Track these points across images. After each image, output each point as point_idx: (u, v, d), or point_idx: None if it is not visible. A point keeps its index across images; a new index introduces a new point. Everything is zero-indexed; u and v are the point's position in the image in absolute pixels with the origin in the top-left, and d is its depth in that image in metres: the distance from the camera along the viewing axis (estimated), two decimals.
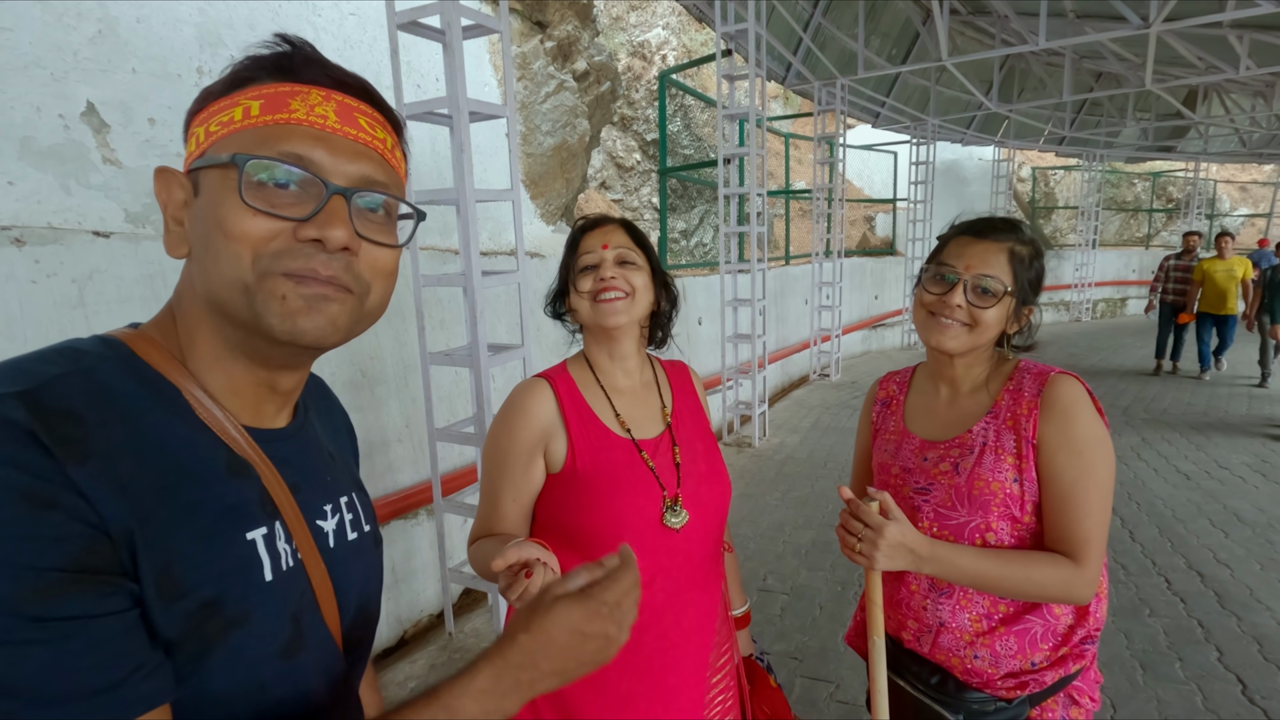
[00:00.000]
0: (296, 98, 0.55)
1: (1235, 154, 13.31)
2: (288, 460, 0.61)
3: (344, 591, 0.64)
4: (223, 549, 0.52)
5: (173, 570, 0.48)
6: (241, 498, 0.54)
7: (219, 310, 0.55)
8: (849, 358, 9.34)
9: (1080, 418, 1.05)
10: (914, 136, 10.26)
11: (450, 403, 3.47)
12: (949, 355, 1.15)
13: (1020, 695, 1.10)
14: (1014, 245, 1.11)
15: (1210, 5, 5.23)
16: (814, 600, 3.15)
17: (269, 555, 0.55)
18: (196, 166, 0.56)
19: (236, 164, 0.52)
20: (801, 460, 5.23)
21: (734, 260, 5.57)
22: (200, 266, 0.55)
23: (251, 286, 0.53)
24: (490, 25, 2.49)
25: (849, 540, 1.03)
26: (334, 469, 0.68)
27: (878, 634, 1.08)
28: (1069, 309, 13.89)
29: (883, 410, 1.32)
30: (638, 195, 9.92)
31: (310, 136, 0.55)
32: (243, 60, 0.57)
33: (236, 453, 0.56)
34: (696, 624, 1.15)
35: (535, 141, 5.66)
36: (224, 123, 0.55)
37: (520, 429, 1.10)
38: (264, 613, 0.53)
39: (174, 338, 0.57)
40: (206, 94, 0.57)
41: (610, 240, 1.15)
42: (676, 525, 1.10)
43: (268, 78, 0.56)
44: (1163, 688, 2.47)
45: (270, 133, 0.54)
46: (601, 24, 9.33)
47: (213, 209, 0.54)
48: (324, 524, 0.64)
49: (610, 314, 1.11)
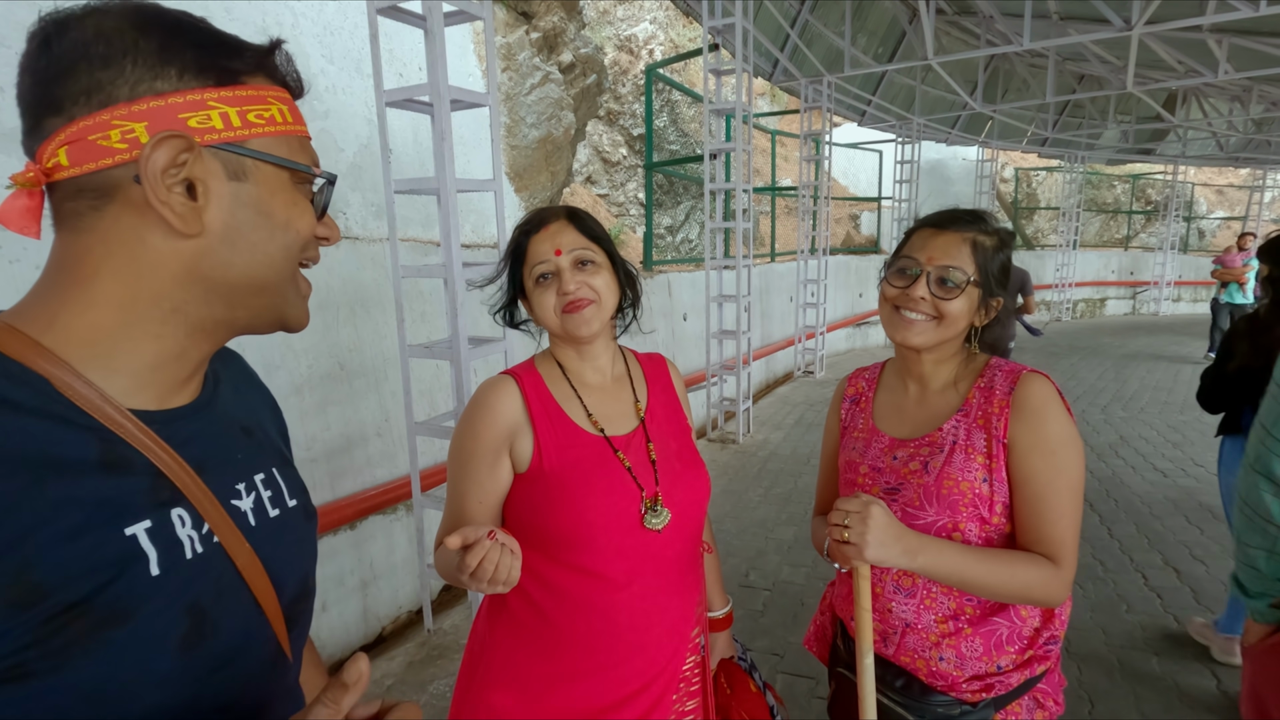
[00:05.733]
0: (296, 109, 0.62)
1: (1213, 158, 13.53)
2: (191, 440, 0.58)
3: (277, 570, 0.62)
4: (92, 547, 0.48)
5: (27, 576, 0.45)
6: (118, 491, 0.51)
7: (238, 292, 0.58)
8: (833, 355, 9.38)
9: (1052, 418, 1.04)
10: (899, 135, 10.31)
11: (430, 396, 3.43)
12: (916, 351, 1.13)
13: (985, 698, 1.08)
14: (976, 236, 1.09)
15: (1191, 8, 5.29)
16: (796, 597, 3.15)
17: (157, 548, 0.52)
18: (245, 152, 0.56)
19: (326, 179, 0.63)
20: (785, 457, 5.23)
21: (719, 256, 5.55)
22: (232, 250, 0.56)
23: (290, 276, 0.61)
24: (473, 11, 2.45)
25: (836, 531, 0.98)
26: (247, 445, 0.66)
27: (867, 652, 1.02)
28: (1050, 309, 14.06)
29: (851, 407, 1.30)
30: (624, 190, 9.88)
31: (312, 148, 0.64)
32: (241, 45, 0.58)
33: (118, 441, 0.52)
34: (673, 628, 1.12)
35: (520, 134, 5.61)
36: (266, 118, 0.57)
37: (484, 428, 1.07)
38: (151, 607, 0.51)
39: (40, 323, 0.52)
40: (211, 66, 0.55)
41: (562, 242, 1.07)
42: (658, 526, 1.07)
43: (268, 78, 0.59)
44: (1140, 683, 2.49)
45: (302, 144, 0.61)
46: (588, 17, 9.27)
47: (274, 199, 0.58)
48: (239, 503, 0.61)
49: (581, 325, 1.07)
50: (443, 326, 3.41)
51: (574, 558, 1.05)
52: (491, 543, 0.83)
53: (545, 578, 1.07)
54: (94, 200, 0.52)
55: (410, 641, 2.82)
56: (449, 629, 2.89)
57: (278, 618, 0.62)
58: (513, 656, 1.09)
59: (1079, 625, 2.83)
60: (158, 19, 0.54)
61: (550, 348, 1.17)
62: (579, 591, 1.06)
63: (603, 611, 1.06)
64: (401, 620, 3.21)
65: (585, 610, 1.06)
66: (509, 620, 1.11)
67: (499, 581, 0.83)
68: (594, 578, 1.05)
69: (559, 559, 1.06)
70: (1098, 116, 11.02)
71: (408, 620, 3.22)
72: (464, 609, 3.05)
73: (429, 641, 2.81)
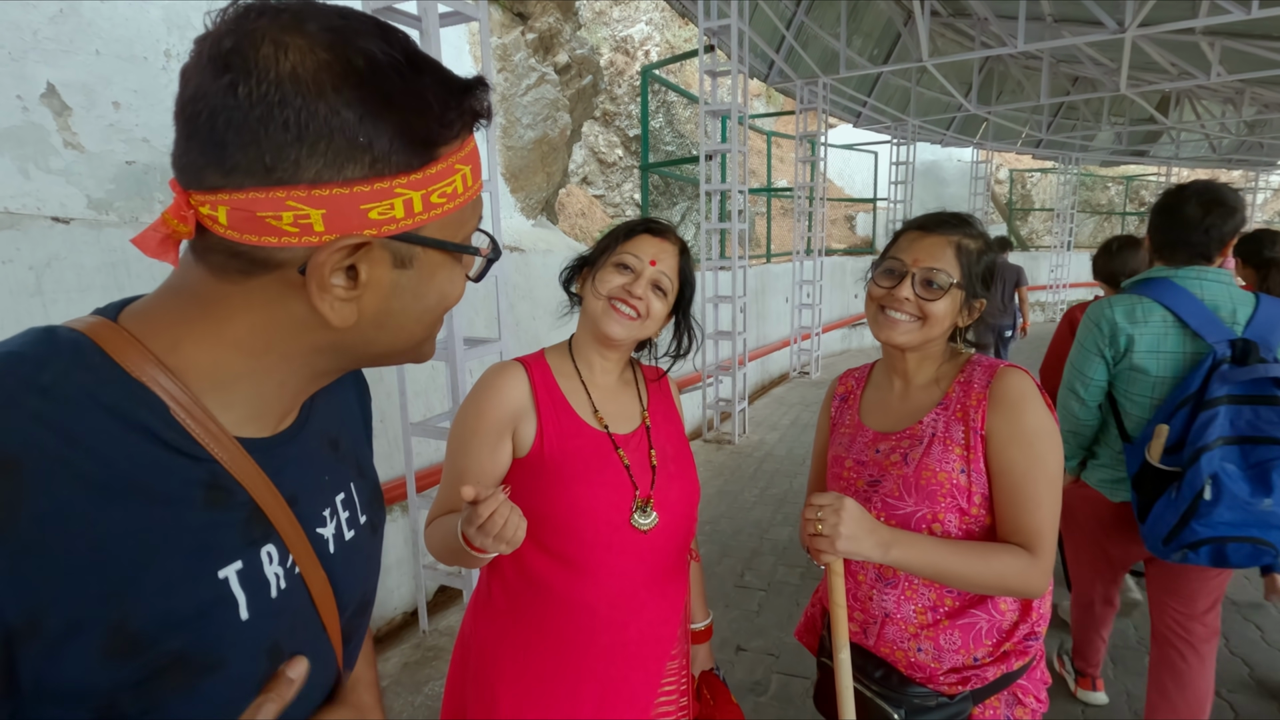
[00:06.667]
0: (477, 160, 0.54)
1: (1206, 159, 13.60)
2: (286, 467, 0.56)
3: (344, 593, 0.61)
4: (188, 595, 0.46)
5: (127, 626, 0.43)
6: (214, 529, 0.49)
7: (376, 358, 0.56)
8: (829, 356, 9.40)
9: (1029, 410, 1.06)
10: (894, 137, 10.34)
11: (426, 397, 3.43)
12: (900, 350, 1.16)
13: (962, 691, 1.10)
14: (961, 239, 1.12)
15: (1184, 11, 5.32)
16: (791, 597, 3.15)
17: (245, 591, 0.50)
18: (419, 240, 0.50)
19: (491, 258, 0.57)
20: (780, 457, 5.24)
21: (715, 257, 5.56)
22: (379, 331, 0.53)
23: (428, 339, 0.58)
24: (468, 13, 2.45)
25: (809, 525, 1.00)
26: (334, 462, 0.63)
27: (842, 646, 1.04)
28: (1044, 309, 14.12)
29: (840, 405, 1.33)
30: (619, 191, 9.89)
31: (481, 202, 0.57)
32: (452, 106, 0.49)
33: (222, 474, 0.50)
34: (654, 628, 1.13)
35: (515, 134, 5.60)
36: (448, 194, 0.50)
37: (489, 408, 1.08)
38: (238, 654, 0.49)
39: (164, 343, 0.49)
40: (411, 146, 0.47)
41: (662, 260, 1.11)
42: (645, 526, 1.09)
43: (464, 129, 0.51)
44: (1132, 681, 2.50)
45: (474, 208, 0.55)
46: (584, 18, 9.28)
47: (432, 281, 0.53)
48: (324, 530, 0.59)
49: (614, 324, 1.09)
50: None
51: (561, 545, 1.07)
52: (504, 497, 0.84)
53: (530, 567, 1.09)
54: (247, 267, 0.47)
55: (405, 643, 2.82)
56: (444, 630, 2.89)
57: (337, 635, 0.61)
58: (497, 654, 1.11)
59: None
60: (367, 71, 0.45)
61: (574, 335, 1.19)
62: (561, 583, 1.08)
63: (583, 604, 1.08)
64: (396, 621, 3.20)
65: (566, 602, 1.08)
66: (491, 616, 1.13)
67: (504, 539, 0.84)
68: (577, 569, 1.07)
69: (547, 546, 1.08)
70: (1092, 118, 11.07)
71: (403, 621, 3.22)
72: (459, 610, 3.04)
73: (424, 643, 2.81)
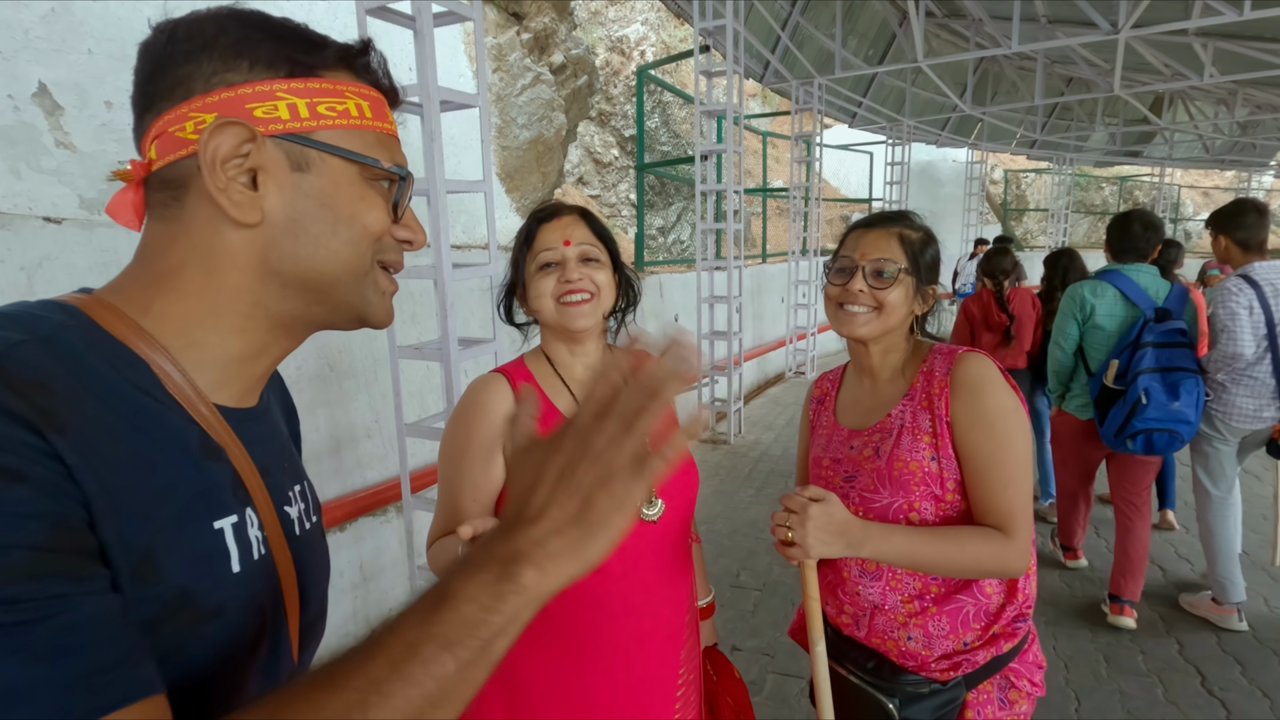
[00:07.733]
0: (383, 107, 0.61)
1: (1199, 160, 13.67)
2: (256, 442, 0.58)
3: (306, 585, 0.61)
4: (192, 537, 0.49)
5: (155, 555, 0.45)
6: (213, 483, 0.52)
7: (310, 286, 0.56)
8: (824, 356, 9.41)
9: (989, 392, 1.08)
10: (889, 137, 10.36)
11: (420, 398, 3.42)
12: (863, 343, 1.19)
13: (955, 676, 1.11)
14: (902, 230, 1.18)
15: (1177, 12, 5.34)
16: (786, 597, 3.15)
17: (238, 545, 0.52)
18: (309, 143, 0.55)
19: (400, 176, 0.60)
20: (776, 457, 5.25)
21: (711, 257, 5.56)
22: (295, 242, 0.55)
23: (363, 273, 0.58)
24: (463, 12, 2.44)
25: (780, 531, 1.02)
26: (291, 454, 0.66)
27: (818, 639, 1.05)
28: None
29: (818, 408, 1.36)
30: (615, 191, 9.88)
31: (399, 148, 0.62)
32: (323, 41, 0.57)
33: (209, 433, 0.53)
34: (669, 617, 1.13)
35: (511, 134, 5.60)
36: (339, 111, 0.56)
37: (476, 426, 1.07)
38: (234, 605, 0.51)
39: (137, 306, 0.53)
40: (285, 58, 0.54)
41: (572, 235, 1.10)
42: (653, 516, 1.09)
43: (352, 76, 0.58)
44: (1125, 680, 2.51)
45: (384, 141, 0.59)
46: (579, 18, 9.27)
47: (337, 192, 0.56)
48: (290, 510, 0.61)
49: (577, 317, 1.08)
50: (433, 328, 3.40)
51: None
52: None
53: None
54: (175, 191, 0.53)
55: None
56: None
57: (295, 629, 0.60)
58: (511, 657, 1.09)
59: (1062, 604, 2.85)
60: (241, 17, 0.55)
61: (541, 343, 1.18)
62: (575, 585, 1.06)
63: (600, 603, 1.07)
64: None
65: (582, 603, 1.07)
66: None
67: None
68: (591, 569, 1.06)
69: None
70: (1086, 119, 11.11)
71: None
72: None
73: None
